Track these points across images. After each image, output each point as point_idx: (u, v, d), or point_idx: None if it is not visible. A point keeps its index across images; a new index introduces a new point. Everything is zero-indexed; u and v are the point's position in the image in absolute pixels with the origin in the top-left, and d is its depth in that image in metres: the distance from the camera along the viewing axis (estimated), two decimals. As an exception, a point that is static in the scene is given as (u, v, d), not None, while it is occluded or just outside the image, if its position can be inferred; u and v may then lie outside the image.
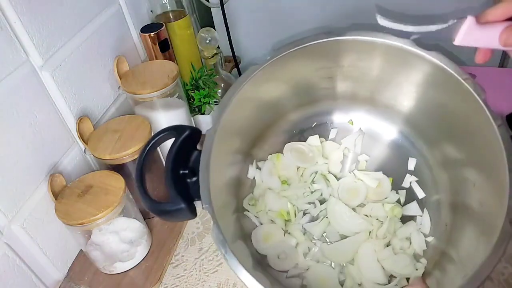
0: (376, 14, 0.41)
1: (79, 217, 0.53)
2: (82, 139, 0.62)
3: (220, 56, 0.85)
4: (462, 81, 0.46)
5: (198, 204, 0.44)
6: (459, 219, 0.50)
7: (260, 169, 0.60)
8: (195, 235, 0.65)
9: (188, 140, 0.48)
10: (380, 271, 0.51)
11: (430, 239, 0.53)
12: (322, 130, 0.63)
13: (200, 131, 0.49)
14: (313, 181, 0.60)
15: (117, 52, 0.72)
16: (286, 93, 0.58)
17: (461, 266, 0.44)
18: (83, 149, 0.64)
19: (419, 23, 0.41)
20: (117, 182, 0.58)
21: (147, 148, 0.48)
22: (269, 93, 0.57)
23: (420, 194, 0.57)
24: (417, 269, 0.51)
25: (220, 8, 0.84)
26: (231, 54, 0.89)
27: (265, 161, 0.60)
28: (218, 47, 0.84)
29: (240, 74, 0.92)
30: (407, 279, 0.51)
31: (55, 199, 0.56)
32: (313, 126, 0.63)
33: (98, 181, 0.58)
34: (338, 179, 0.60)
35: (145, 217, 0.66)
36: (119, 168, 0.61)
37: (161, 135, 0.49)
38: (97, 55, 0.67)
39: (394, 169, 0.59)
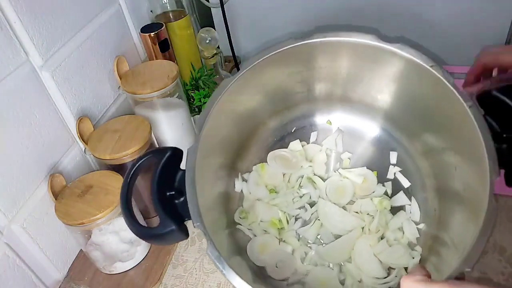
0: None
1: (79, 217, 0.53)
2: (82, 139, 0.62)
3: (220, 56, 0.85)
4: (430, 68, 0.47)
5: (189, 224, 0.44)
6: (447, 203, 0.51)
7: (246, 181, 0.60)
8: (195, 235, 0.65)
9: (171, 161, 0.47)
10: (378, 265, 0.52)
11: (421, 226, 0.54)
12: (302, 134, 0.64)
13: (181, 150, 0.49)
14: (300, 186, 0.61)
15: (117, 52, 0.72)
16: (262, 101, 0.59)
17: (454, 248, 0.44)
18: (83, 149, 0.64)
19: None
20: (117, 182, 0.58)
21: (130, 175, 0.47)
22: (245, 103, 0.57)
23: (406, 183, 0.58)
24: (413, 258, 0.51)
25: (220, 8, 0.84)
26: (231, 54, 0.89)
27: (250, 172, 0.61)
28: (218, 47, 0.84)
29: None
30: (406, 269, 0.51)
31: (55, 199, 0.56)
32: (293, 131, 0.64)
33: (98, 181, 0.58)
34: (324, 180, 0.61)
35: (145, 217, 0.66)
36: (119, 168, 0.61)
37: (141, 160, 0.48)
38: (97, 55, 0.67)
39: (377, 163, 0.60)
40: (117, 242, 0.60)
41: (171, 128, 0.72)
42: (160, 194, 0.45)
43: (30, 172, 0.56)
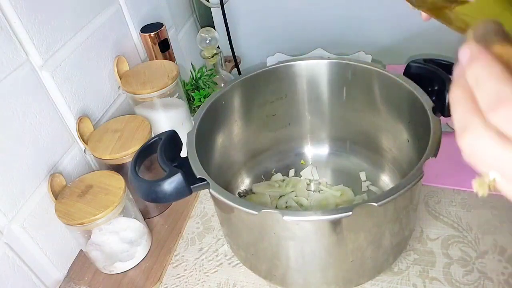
0: None
1: (79, 217, 0.53)
2: (82, 139, 0.62)
3: (220, 56, 0.85)
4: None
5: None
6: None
7: None
8: (195, 235, 0.65)
9: (174, 139, 0.51)
10: None
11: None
12: (281, 171, 0.70)
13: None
14: (287, 207, 0.65)
15: (117, 52, 0.72)
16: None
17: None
18: (83, 149, 0.64)
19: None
20: (117, 182, 0.58)
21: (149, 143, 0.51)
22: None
23: (378, 191, 0.65)
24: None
25: (220, 8, 0.84)
26: (231, 54, 0.89)
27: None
28: (218, 47, 0.84)
29: (240, 73, 0.92)
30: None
31: (55, 199, 0.56)
32: (272, 171, 0.70)
33: (98, 181, 0.58)
34: (307, 199, 0.66)
35: (145, 217, 0.66)
36: (119, 168, 0.61)
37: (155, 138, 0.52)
38: (97, 55, 0.67)
39: (350, 183, 0.66)
40: (117, 242, 0.60)
41: (171, 128, 0.72)
42: (166, 157, 0.48)
43: (30, 172, 0.56)
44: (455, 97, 0.22)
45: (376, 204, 0.40)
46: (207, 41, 0.81)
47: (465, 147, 0.22)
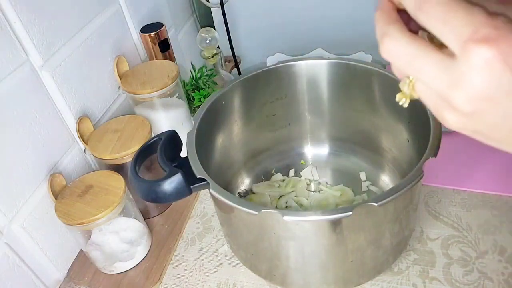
0: None
1: (79, 217, 0.53)
2: (82, 139, 0.62)
3: (220, 56, 0.85)
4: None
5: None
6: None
7: None
8: (195, 235, 0.65)
9: (174, 139, 0.51)
10: None
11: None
12: (281, 171, 0.70)
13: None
14: (287, 207, 0.65)
15: (117, 52, 0.72)
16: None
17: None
18: (83, 149, 0.64)
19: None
20: (117, 182, 0.58)
21: (149, 142, 0.51)
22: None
23: (378, 192, 0.65)
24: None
25: (220, 8, 0.84)
26: (231, 54, 0.89)
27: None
28: (218, 47, 0.84)
29: (240, 73, 0.92)
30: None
31: (55, 199, 0.56)
32: (272, 171, 0.70)
33: (98, 181, 0.58)
34: (307, 199, 0.66)
35: (145, 217, 0.66)
36: (119, 168, 0.61)
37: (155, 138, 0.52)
38: (97, 55, 0.67)
39: (350, 183, 0.66)
40: (117, 242, 0.60)
41: (171, 128, 0.72)
42: (166, 157, 0.48)
43: (30, 172, 0.56)
44: (377, 15, 0.26)
45: (376, 204, 0.40)
46: (207, 41, 0.81)
47: (385, 52, 0.25)
